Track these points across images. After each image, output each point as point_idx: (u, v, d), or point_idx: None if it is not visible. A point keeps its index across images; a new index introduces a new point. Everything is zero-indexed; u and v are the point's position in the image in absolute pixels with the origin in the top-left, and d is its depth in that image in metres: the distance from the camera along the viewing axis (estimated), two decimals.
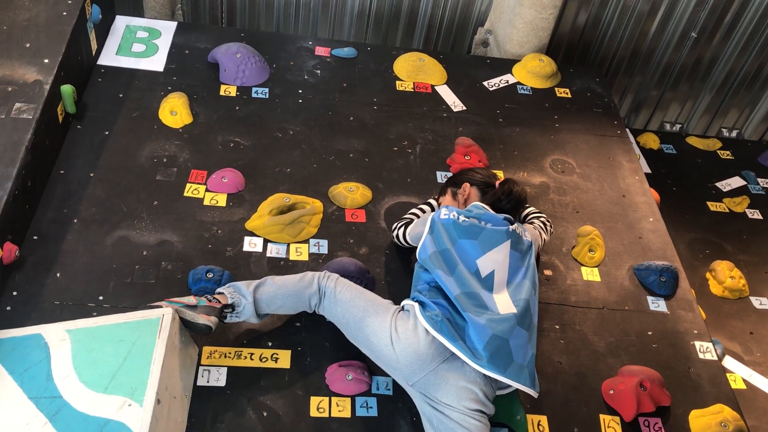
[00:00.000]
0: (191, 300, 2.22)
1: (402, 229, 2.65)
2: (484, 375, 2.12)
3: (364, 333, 2.23)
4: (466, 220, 2.38)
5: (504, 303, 2.24)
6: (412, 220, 2.67)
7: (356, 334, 2.27)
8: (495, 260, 2.31)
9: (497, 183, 2.61)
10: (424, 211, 2.74)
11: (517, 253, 2.36)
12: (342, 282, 2.33)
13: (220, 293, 2.29)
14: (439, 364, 2.12)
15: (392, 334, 2.16)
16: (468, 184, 2.61)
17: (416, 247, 2.43)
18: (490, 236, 2.35)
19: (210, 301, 2.23)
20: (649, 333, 2.71)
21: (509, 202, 2.52)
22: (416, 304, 2.21)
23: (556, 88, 3.73)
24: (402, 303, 2.29)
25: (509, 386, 2.20)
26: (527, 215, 2.82)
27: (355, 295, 2.29)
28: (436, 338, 2.12)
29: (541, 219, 2.78)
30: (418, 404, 2.21)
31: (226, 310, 2.25)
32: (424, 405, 2.17)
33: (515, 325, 2.17)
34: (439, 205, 2.74)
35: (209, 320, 2.19)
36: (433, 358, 2.12)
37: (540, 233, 2.66)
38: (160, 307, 2.18)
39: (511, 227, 2.40)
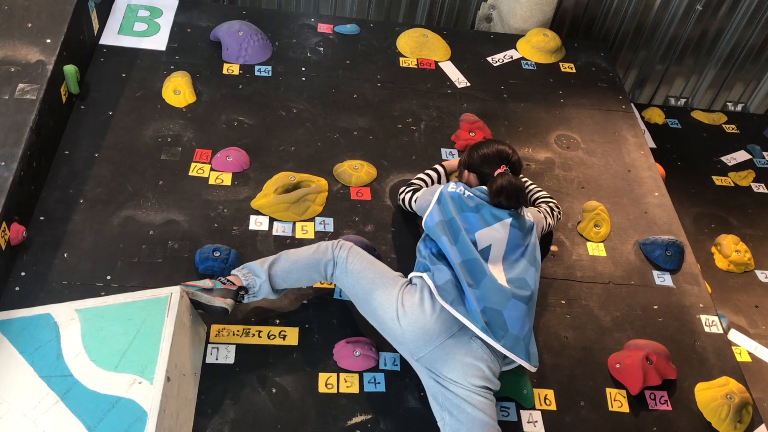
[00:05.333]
0: (207, 283, 2.24)
1: (409, 194, 2.66)
2: (491, 351, 2.13)
3: (371, 306, 2.24)
4: (472, 195, 2.40)
5: (498, 277, 2.24)
6: (419, 187, 2.68)
7: (364, 306, 2.28)
8: (492, 236, 2.31)
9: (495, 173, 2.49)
10: (430, 176, 2.75)
11: (518, 231, 2.36)
12: (354, 252, 2.32)
13: (234, 275, 2.29)
14: (446, 340, 2.12)
15: (398, 308, 2.16)
16: (467, 172, 2.59)
17: (419, 214, 2.45)
18: (493, 212, 2.36)
19: (224, 283, 2.24)
20: (655, 307, 2.72)
21: (504, 198, 2.39)
22: (425, 275, 2.21)
23: (560, 63, 3.70)
24: (410, 276, 2.30)
25: (514, 362, 2.21)
26: (536, 199, 2.81)
27: (365, 266, 2.29)
28: (443, 313, 2.13)
29: (550, 204, 2.77)
30: (424, 380, 2.22)
31: (241, 293, 2.27)
32: (429, 380, 2.18)
33: (510, 298, 2.18)
34: (445, 170, 2.79)
35: (225, 302, 2.20)
36: (439, 334, 2.12)
37: (545, 217, 2.66)
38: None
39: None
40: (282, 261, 2.31)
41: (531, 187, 2.88)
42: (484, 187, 2.48)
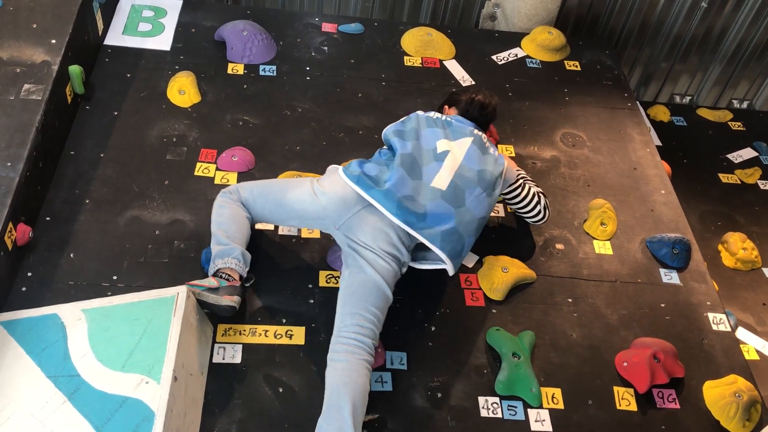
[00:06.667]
0: (212, 282, 2.24)
1: None
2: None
3: (288, 205, 2.39)
4: (440, 118, 2.58)
5: (442, 178, 2.37)
6: None
7: (283, 212, 2.43)
8: (453, 147, 2.46)
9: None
10: None
11: (479, 150, 2.49)
12: (246, 186, 2.49)
13: (228, 268, 2.29)
14: (362, 209, 2.31)
15: (314, 190, 2.36)
16: (447, 106, 2.79)
17: None
18: (454, 129, 2.53)
19: (229, 280, 2.25)
20: (662, 305, 2.71)
21: (474, 109, 2.70)
22: (339, 166, 2.41)
23: (565, 61, 3.69)
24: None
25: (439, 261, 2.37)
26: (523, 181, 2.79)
27: (264, 186, 2.48)
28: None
29: (537, 191, 2.72)
30: (342, 246, 2.38)
31: (247, 284, 2.34)
32: (345, 247, 2.35)
33: (439, 197, 2.33)
34: None
35: (232, 300, 2.23)
36: (356, 202, 2.31)
37: (524, 184, 2.67)
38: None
39: (476, 131, 2.55)
40: (230, 228, 2.39)
41: (524, 177, 2.83)
42: (456, 114, 2.66)
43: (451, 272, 2.38)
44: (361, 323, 2.18)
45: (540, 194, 2.71)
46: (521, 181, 2.67)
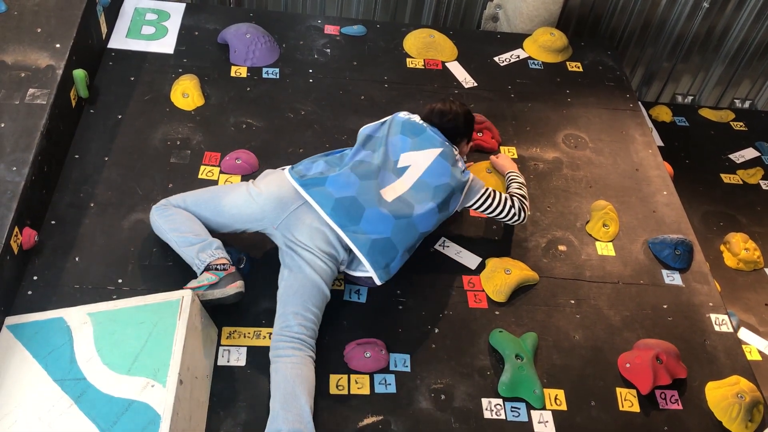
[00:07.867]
0: (211, 278, 2.28)
1: None
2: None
3: (225, 211, 2.42)
4: (416, 122, 2.59)
5: (392, 191, 2.42)
6: None
7: (220, 219, 2.44)
8: (415, 160, 2.49)
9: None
10: None
11: (444, 165, 2.49)
12: (175, 197, 2.50)
13: (218, 258, 2.33)
14: (299, 207, 2.37)
15: (250, 192, 2.41)
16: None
17: None
18: (425, 138, 2.54)
19: (226, 269, 2.31)
20: (665, 306, 2.72)
21: (434, 117, 2.65)
22: (286, 167, 2.48)
23: (567, 62, 3.70)
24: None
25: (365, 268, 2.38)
26: (507, 187, 2.80)
27: (195, 195, 2.49)
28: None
29: (515, 196, 2.70)
30: (280, 246, 2.41)
31: (241, 266, 2.41)
32: (284, 247, 2.39)
33: (382, 207, 2.36)
34: None
35: (237, 286, 2.29)
36: (293, 201, 2.37)
37: (494, 197, 2.63)
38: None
39: (447, 143, 2.55)
40: (192, 227, 2.40)
41: (511, 177, 2.84)
42: (434, 127, 2.61)
43: (377, 282, 2.39)
44: (304, 323, 2.25)
45: (513, 197, 2.68)
46: (490, 190, 2.63)
